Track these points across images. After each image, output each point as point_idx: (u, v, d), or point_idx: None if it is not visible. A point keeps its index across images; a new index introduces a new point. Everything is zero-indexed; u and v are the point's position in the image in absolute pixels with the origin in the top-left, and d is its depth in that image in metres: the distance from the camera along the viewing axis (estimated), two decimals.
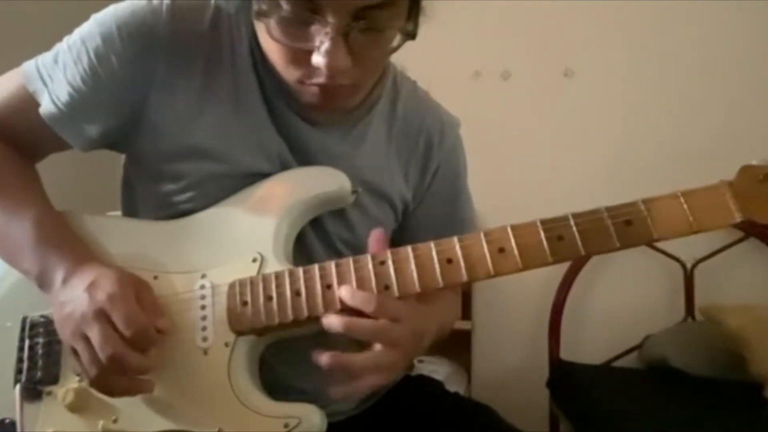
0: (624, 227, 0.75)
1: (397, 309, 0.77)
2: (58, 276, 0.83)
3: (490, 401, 1.08)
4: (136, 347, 0.78)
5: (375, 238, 0.82)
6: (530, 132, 2.44)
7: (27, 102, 0.89)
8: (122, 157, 0.98)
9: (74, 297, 0.80)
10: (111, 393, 0.81)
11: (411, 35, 0.80)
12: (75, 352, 0.80)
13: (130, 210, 0.99)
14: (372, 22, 0.76)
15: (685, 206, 0.75)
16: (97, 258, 0.86)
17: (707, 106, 2.30)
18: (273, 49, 0.82)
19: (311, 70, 0.79)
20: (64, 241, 0.87)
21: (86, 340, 0.78)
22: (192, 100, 0.88)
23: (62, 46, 0.89)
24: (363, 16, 0.75)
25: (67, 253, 0.85)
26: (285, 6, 0.75)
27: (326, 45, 0.75)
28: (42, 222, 0.87)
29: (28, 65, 0.90)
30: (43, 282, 0.84)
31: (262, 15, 0.77)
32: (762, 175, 0.74)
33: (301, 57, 0.79)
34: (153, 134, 0.89)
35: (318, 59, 0.77)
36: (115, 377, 0.78)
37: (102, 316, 0.77)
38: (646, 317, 2.31)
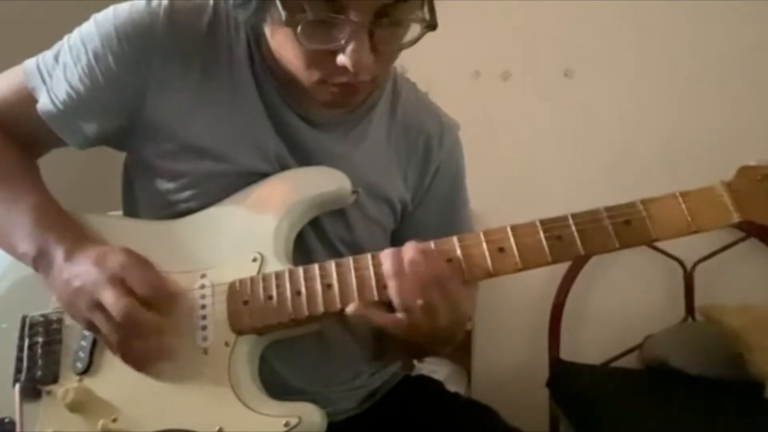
0: (623, 227, 0.75)
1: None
2: (59, 255, 0.83)
3: (490, 401, 1.08)
4: (152, 307, 0.79)
5: None
6: (530, 132, 2.44)
7: (26, 99, 0.90)
8: (123, 157, 0.98)
9: (82, 271, 0.80)
10: (137, 362, 0.81)
11: (431, 26, 0.80)
12: (93, 326, 0.80)
13: (132, 209, 0.99)
14: (393, 17, 0.77)
15: (684, 207, 0.75)
16: (99, 239, 0.87)
17: (707, 106, 2.30)
18: (291, 53, 0.81)
19: (334, 69, 0.79)
20: (64, 224, 0.87)
21: (102, 308, 0.78)
22: (189, 100, 0.88)
23: (63, 45, 0.90)
24: (385, 12, 0.75)
25: (66, 235, 0.85)
26: (309, 10, 0.75)
27: (352, 44, 0.75)
28: (41, 207, 0.87)
29: (29, 62, 0.91)
30: (40, 263, 0.84)
31: (287, 23, 0.77)
32: (760, 176, 0.74)
33: (323, 58, 0.79)
34: (151, 134, 0.89)
35: (343, 59, 0.77)
36: (134, 341, 0.79)
37: (116, 280, 0.78)
38: (646, 317, 2.31)
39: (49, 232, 0.85)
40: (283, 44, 0.81)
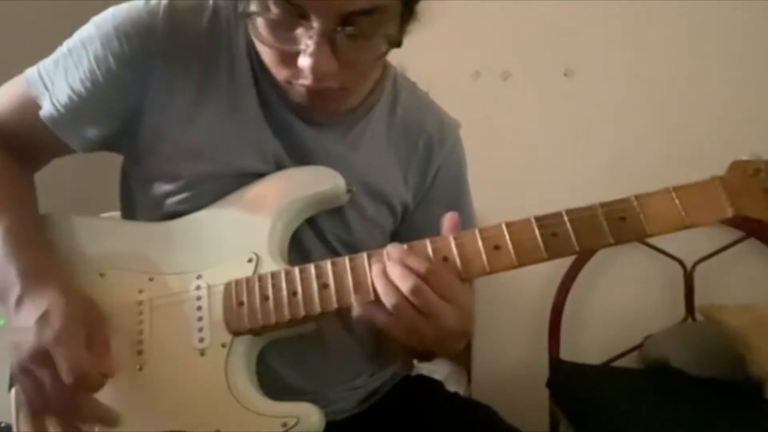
0: (617, 223, 0.76)
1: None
2: (13, 295, 0.81)
3: (490, 401, 1.08)
4: (81, 391, 0.77)
5: (449, 222, 0.81)
6: (530, 132, 2.44)
7: (29, 107, 0.90)
8: (121, 158, 0.98)
9: (25, 327, 0.78)
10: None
11: (396, 43, 0.80)
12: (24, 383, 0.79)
13: (129, 211, 0.99)
14: (359, 28, 0.77)
15: (677, 201, 0.75)
16: (61, 278, 0.84)
17: (707, 107, 2.30)
18: (263, 48, 0.83)
19: (298, 71, 0.80)
20: (29, 257, 0.84)
21: (32, 376, 0.77)
22: (188, 101, 0.88)
23: (63, 50, 0.90)
24: (350, 21, 0.76)
25: (26, 271, 0.82)
26: (273, 9, 0.76)
27: (311, 49, 0.76)
28: (10, 235, 0.85)
29: (31, 71, 0.91)
30: (1, 297, 0.83)
31: (249, 15, 0.78)
32: (752, 170, 0.75)
33: (288, 58, 0.80)
34: (151, 135, 0.89)
35: (303, 62, 0.77)
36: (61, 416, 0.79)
37: (47, 357, 0.76)
38: (646, 317, 2.31)
39: (10, 266, 0.82)
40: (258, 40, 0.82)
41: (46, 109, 0.89)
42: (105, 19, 0.87)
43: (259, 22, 0.78)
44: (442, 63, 2.21)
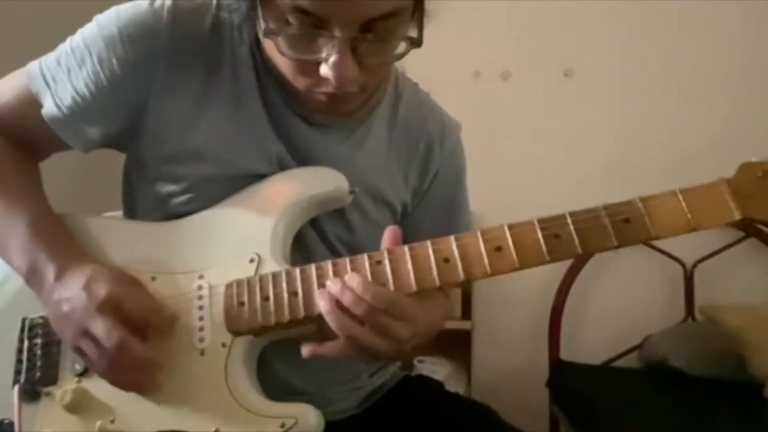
0: (622, 225, 0.74)
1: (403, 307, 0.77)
2: (49, 274, 0.82)
3: (490, 401, 1.08)
4: (143, 336, 0.79)
5: (390, 234, 0.81)
6: (530, 132, 2.44)
7: (30, 103, 0.90)
8: (123, 157, 0.98)
9: (72, 295, 0.79)
10: (123, 385, 0.81)
11: (417, 43, 0.80)
12: (80, 350, 0.80)
13: (131, 210, 0.99)
14: (378, 32, 0.77)
15: (684, 204, 0.74)
16: (90, 257, 0.86)
17: (707, 106, 2.30)
18: (281, 61, 0.82)
19: (320, 79, 0.79)
20: (56, 241, 0.86)
21: (90, 336, 0.78)
22: (192, 103, 0.88)
23: (65, 48, 0.89)
24: (369, 28, 0.76)
25: (58, 252, 0.84)
26: (292, 22, 0.75)
27: (334, 58, 0.76)
28: (36, 221, 0.87)
29: (32, 66, 0.90)
30: (32, 280, 0.84)
31: (270, 33, 0.78)
32: (761, 172, 0.73)
33: (309, 67, 0.80)
34: (153, 136, 0.89)
35: (326, 71, 0.77)
36: (124, 368, 0.78)
37: (105, 309, 0.77)
38: (646, 317, 2.31)
39: (40, 249, 0.84)
40: (273, 50, 0.82)
41: (48, 108, 0.88)
42: (109, 20, 0.86)
43: (280, 39, 0.78)
44: (442, 63, 2.21)
